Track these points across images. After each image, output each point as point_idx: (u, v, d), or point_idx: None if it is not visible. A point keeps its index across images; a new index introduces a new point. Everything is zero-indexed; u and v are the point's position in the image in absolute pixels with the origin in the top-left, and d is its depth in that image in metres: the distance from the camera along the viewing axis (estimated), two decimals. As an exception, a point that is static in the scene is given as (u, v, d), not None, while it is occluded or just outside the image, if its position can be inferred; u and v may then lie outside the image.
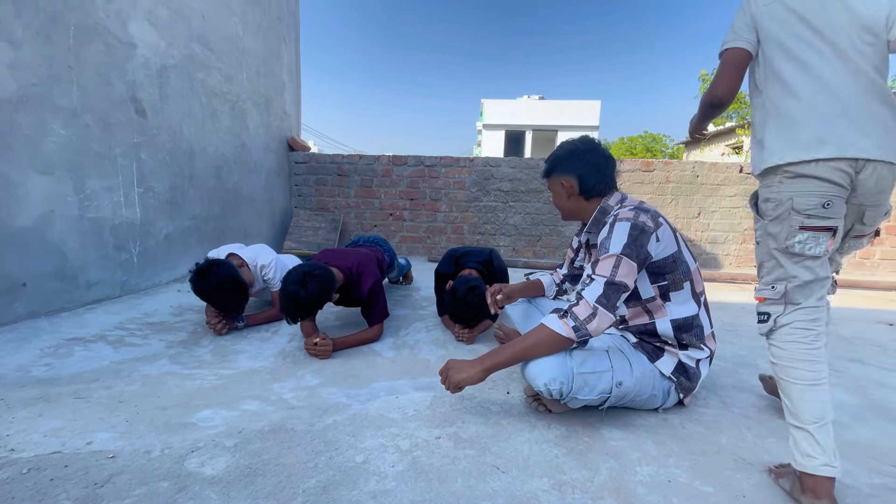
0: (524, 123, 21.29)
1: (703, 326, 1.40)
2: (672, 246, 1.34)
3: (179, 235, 3.14)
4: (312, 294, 1.74)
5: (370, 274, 2.06)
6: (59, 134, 2.25)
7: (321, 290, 1.76)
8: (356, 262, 2.08)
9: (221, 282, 2.02)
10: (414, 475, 1.11)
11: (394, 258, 2.83)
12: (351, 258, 2.10)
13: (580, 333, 1.21)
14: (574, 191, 1.46)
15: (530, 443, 1.27)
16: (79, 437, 1.23)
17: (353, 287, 2.05)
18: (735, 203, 4.57)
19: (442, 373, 1.34)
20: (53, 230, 2.25)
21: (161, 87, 2.90)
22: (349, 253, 2.20)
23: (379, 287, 2.10)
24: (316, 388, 1.63)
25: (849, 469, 1.17)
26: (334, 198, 4.92)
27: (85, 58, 2.36)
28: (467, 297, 1.97)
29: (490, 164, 4.78)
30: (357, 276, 2.05)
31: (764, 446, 1.28)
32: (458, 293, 1.99)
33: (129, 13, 2.62)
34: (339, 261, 2.06)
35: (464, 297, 1.97)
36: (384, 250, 2.66)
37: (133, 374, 1.69)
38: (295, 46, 5.04)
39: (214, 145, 3.50)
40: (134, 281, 2.76)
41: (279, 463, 1.14)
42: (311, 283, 1.74)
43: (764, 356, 2.02)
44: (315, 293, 1.75)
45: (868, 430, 1.39)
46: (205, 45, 3.31)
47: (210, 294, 2.05)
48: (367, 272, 2.06)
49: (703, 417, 1.44)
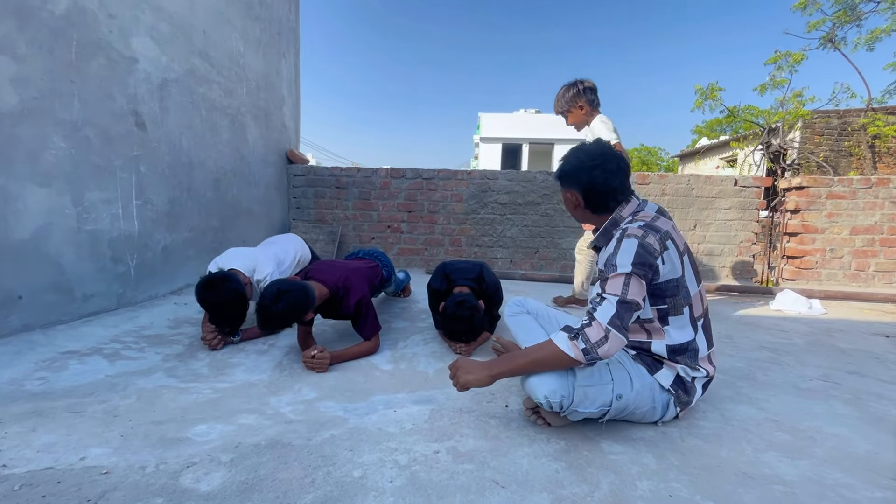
0: (521, 137, 21.49)
1: (697, 350, 1.39)
2: (676, 271, 1.32)
3: (177, 248, 3.13)
4: (282, 311, 1.80)
5: (357, 289, 2.08)
6: (60, 147, 2.26)
7: (292, 308, 1.82)
8: (344, 276, 2.09)
9: (229, 297, 2.05)
10: (412, 491, 1.10)
11: (392, 272, 2.83)
12: (340, 273, 2.11)
13: (589, 357, 1.20)
14: (580, 204, 1.45)
15: (529, 457, 1.26)
16: (72, 453, 1.22)
17: (339, 301, 2.07)
18: (730, 216, 4.61)
19: (451, 369, 1.36)
20: (51, 242, 2.24)
21: (162, 100, 2.93)
22: (339, 266, 2.21)
23: (366, 302, 2.10)
24: (313, 401, 1.62)
25: (849, 483, 1.17)
26: (332, 210, 4.94)
27: (87, 72, 2.38)
28: (458, 312, 1.99)
29: (487, 176, 4.82)
30: (344, 290, 2.07)
31: (764, 460, 1.27)
32: (449, 312, 2.02)
33: (132, 29, 2.66)
34: (327, 275, 2.08)
35: (455, 312, 1.99)
36: (382, 264, 2.66)
37: (128, 387, 1.68)
38: (294, 61, 5.10)
39: (214, 158, 3.51)
40: (131, 293, 2.75)
41: (276, 478, 1.13)
42: (283, 300, 1.79)
43: (763, 368, 2.02)
44: (285, 311, 1.81)
45: (867, 443, 1.38)
46: (206, 60, 3.35)
47: (214, 305, 2.05)
48: (354, 287, 2.08)
49: (703, 431, 1.43)
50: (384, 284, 2.73)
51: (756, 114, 9.45)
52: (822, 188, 4.33)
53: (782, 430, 1.45)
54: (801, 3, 8.87)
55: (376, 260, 2.66)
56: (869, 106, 9.05)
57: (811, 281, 4.37)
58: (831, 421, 1.52)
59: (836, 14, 8.61)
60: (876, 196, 4.26)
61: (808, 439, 1.40)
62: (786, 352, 2.29)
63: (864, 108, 9.15)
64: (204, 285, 2.03)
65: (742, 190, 4.58)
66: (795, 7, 8.97)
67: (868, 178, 4.29)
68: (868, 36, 8.39)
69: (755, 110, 9.47)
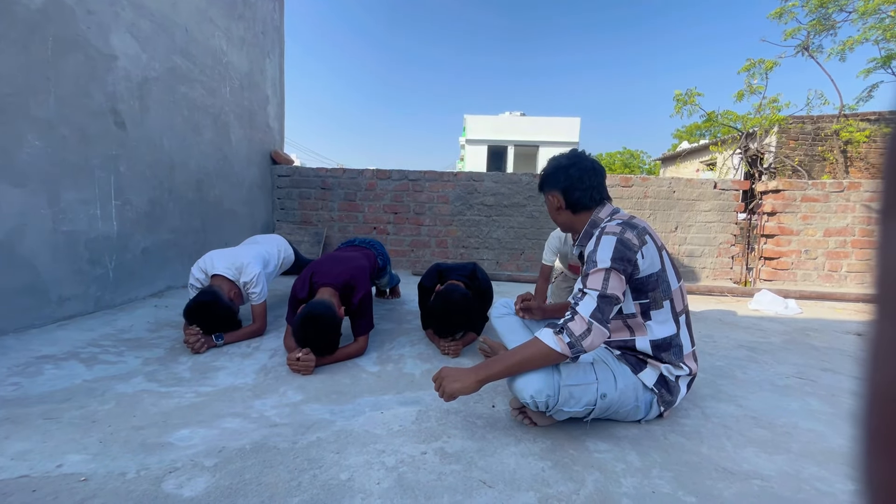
0: (506, 139, 21.62)
1: (682, 346, 1.42)
2: (655, 265, 1.37)
3: (158, 249, 3.07)
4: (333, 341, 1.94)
5: (362, 286, 2.11)
6: (35, 145, 2.19)
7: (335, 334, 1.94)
8: (349, 274, 2.11)
9: (216, 318, 2.12)
10: (400, 492, 1.10)
11: (387, 262, 2.83)
12: (344, 271, 2.12)
13: (575, 350, 1.22)
14: (561, 205, 1.49)
15: (516, 456, 1.27)
16: (48, 460, 1.18)
17: (345, 299, 2.09)
18: (710, 218, 4.72)
19: (436, 380, 1.33)
20: (25, 244, 2.18)
21: (142, 99, 2.87)
22: (342, 263, 2.19)
23: (368, 299, 2.13)
24: (299, 404, 1.60)
25: (824, 476, 1.21)
26: (317, 211, 4.89)
27: (63, 69, 2.32)
28: (450, 297, 1.99)
29: (473, 178, 4.84)
30: (350, 289, 2.09)
31: (743, 455, 1.31)
32: (441, 298, 2.04)
33: (111, 25, 2.60)
34: (333, 276, 2.08)
35: (447, 297, 2.00)
36: (378, 253, 2.66)
37: (107, 392, 1.63)
38: (279, 60, 5.05)
39: (196, 158, 3.45)
40: (109, 296, 2.68)
41: (261, 482, 1.12)
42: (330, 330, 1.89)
43: (741, 366, 2.07)
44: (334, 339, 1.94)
45: (841, 438, 1.43)
46: (188, 59, 3.29)
47: (204, 326, 2.11)
48: (359, 285, 2.11)
49: (685, 428, 1.46)
50: (380, 274, 2.74)
51: (734, 119, 9.69)
52: (797, 191, 4.47)
53: (760, 426, 1.49)
54: (777, 12, 9.13)
55: (372, 248, 2.66)
56: (841, 112, 9.38)
57: (787, 281, 4.50)
58: (807, 417, 1.57)
59: (811, 23, 8.89)
60: (848, 199, 4.41)
61: (785, 435, 1.44)
62: (763, 350, 2.35)
63: (837, 114, 9.47)
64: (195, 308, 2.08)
65: (721, 193, 4.69)
66: (772, 16, 9.24)
67: (840, 182, 4.44)
68: (840, 46, 8.68)
69: (733, 115, 9.71)
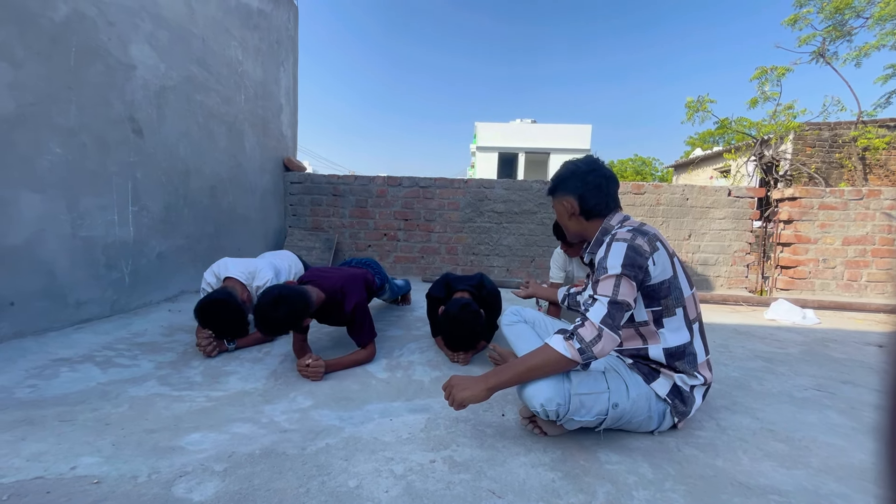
0: (517, 146, 21.65)
1: (696, 354, 1.40)
2: (667, 271, 1.35)
3: (172, 254, 3.12)
4: (282, 316, 1.81)
5: (355, 293, 2.08)
6: (55, 153, 2.25)
7: (290, 312, 1.83)
8: (341, 282, 2.09)
9: (228, 317, 2.10)
10: (408, 501, 1.09)
11: (385, 281, 2.82)
12: (337, 278, 2.11)
13: (585, 356, 1.21)
14: (575, 211, 1.48)
15: (526, 466, 1.25)
16: (62, 462, 1.20)
17: (337, 306, 2.06)
18: (724, 226, 4.65)
19: (445, 388, 1.32)
20: (44, 249, 2.23)
21: (159, 107, 2.93)
22: (336, 272, 2.20)
23: (363, 306, 2.10)
24: (308, 410, 1.60)
25: (844, 492, 1.17)
26: (329, 217, 4.94)
27: (84, 78, 2.39)
28: (460, 315, 1.98)
29: (484, 185, 4.84)
30: (342, 295, 2.06)
31: (760, 469, 1.27)
32: (450, 314, 2.00)
33: (131, 36, 2.67)
34: (324, 280, 2.07)
35: (456, 315, 1.98)
36: (374, 272, 2.66)
37: (120, 395, 1.66)
38: (293, 70, 5.14)
39: (210, 165, 3.51)
40: (125, 300, 2.72)
41: (270, 488, 1.12)
42: (282, 305, 1.80)
43: (758, 378, 2.02)
44: (284, 315, 1.81)
45: (862, 453, 1.38)
46: (204, 68, 3.36)
47: (216, 326, 2.10)
48: (351, 292, 2.07)
49: (699, 440, 1.43)
50: (377, 293, 2.73)
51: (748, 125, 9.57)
52: (815, 199, 4.39)
53: (778, 439, 1.45)
54: (792, 19, 9.04)
55: (368, 268, 2.65)
56: (859, 119, 9.20)
57: (804, 291, 4.41)
58: (826, 430, 1.53)
59: (827, 29, 8.78)
60: (867, 207, 4.32)
61: (804, 449, 1.40)
62: (780, 361, 2.30)
63: (855, 120, 9.30)
64: (205, 308, 2.06)
65: (736, 200, 4.63)
66: (786, 23, 9.14)
67: (859, 190, 4.35)
68: (855, 52, 8.55)
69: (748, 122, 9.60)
